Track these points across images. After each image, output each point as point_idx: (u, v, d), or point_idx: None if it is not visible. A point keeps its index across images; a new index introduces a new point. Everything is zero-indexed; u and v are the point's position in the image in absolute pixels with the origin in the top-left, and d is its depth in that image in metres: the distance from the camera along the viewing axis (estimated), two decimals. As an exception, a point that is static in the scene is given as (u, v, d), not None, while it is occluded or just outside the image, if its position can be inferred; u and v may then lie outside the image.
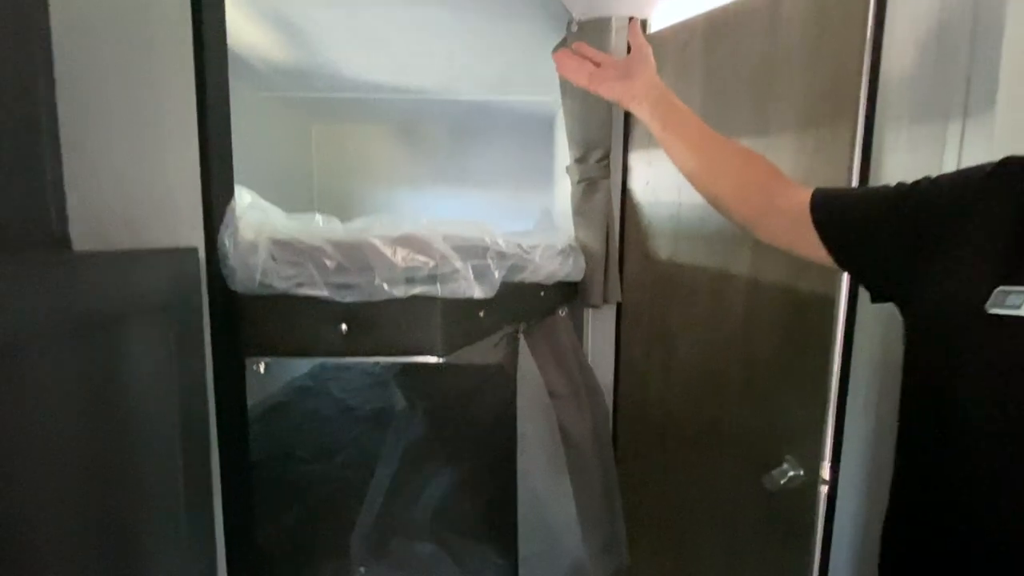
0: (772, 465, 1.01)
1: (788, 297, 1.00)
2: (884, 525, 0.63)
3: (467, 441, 1.37)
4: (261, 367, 0.73)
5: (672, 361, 1.25)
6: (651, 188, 1.26)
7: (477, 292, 0.74)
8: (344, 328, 0.70)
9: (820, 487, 0.99)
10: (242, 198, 0.69)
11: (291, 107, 2.02)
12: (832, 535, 0.99)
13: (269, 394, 1.76)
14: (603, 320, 1.41)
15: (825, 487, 0.99)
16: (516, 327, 1.12)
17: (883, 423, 0.91)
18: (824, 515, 0.99)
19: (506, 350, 1.18)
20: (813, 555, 1.00)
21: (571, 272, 1.23)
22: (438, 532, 1.16)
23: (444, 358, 0.74)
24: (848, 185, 0.91)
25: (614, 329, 1.41)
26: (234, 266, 0.64)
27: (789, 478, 0.99)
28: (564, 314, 1.36)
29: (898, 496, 0.61)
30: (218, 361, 0.66)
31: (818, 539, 1.00)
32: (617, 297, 1.34)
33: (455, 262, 0.72)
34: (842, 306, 0.94)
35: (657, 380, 1.30)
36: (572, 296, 1.35)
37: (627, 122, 1.31)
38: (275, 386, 1.83)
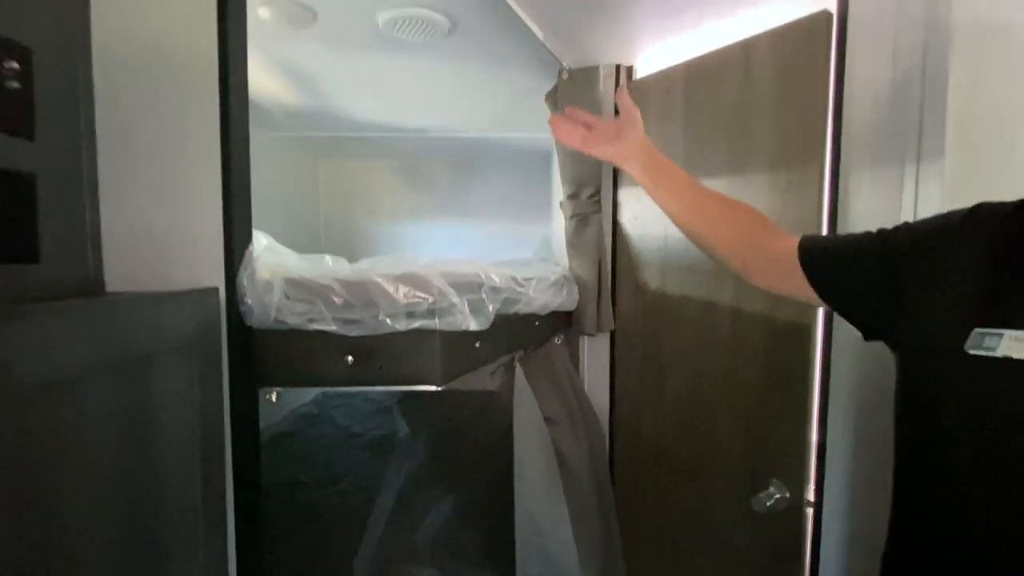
0: (759, 488, 1.05)
1: (769, 325, 1.06)
2: (883, 558, 0.64)
3: (467, 466, 1.41)
4: (273, 396, 0.78)
5: (664, 387, 1.30)
6: (639, 222, 1.34)
7: (473, 324, 0.81)
8: (350, 359, 0.76)
9: (806, 509, 1.02)
10: (259, 241, 0.76)
11: (299, 145, 2.13)
12: (820, 556, 1.02)
13: (275, 422, 1.81)
14: (598, 348, 1.46)
15: (811, 509, 1.02)
16: (512, 355, 1.18)
17: (864, 446, 0.95)
18: (811, 536, 1.03)
19: (503, 378, 1.23)
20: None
21: (565, 302, 1.29)
22: (439, 556, 1.20)
23: (442, 386, 0.80)
24: (819, 221, 0.98)
25: (609, 356, 1.46)
26: (251, 304, 0.71)
27: (776, 500, 1.03)
28: (560, 342, 1.42)
29: (896, 530, 0.62)
30: (234, 391, 0.72)
31: (806, 560, 1.03)
32: (610, 325, 1.40)
33: (452, 297, 0.79)
34: (819, 334, 1.00)
35: (650, 405, 1.34)
36: (567, 325, 1.41)
37: (616, 160, 1.39)
38: (281, 414, 1.88)
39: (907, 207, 0.85)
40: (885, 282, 0.60)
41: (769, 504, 1.02)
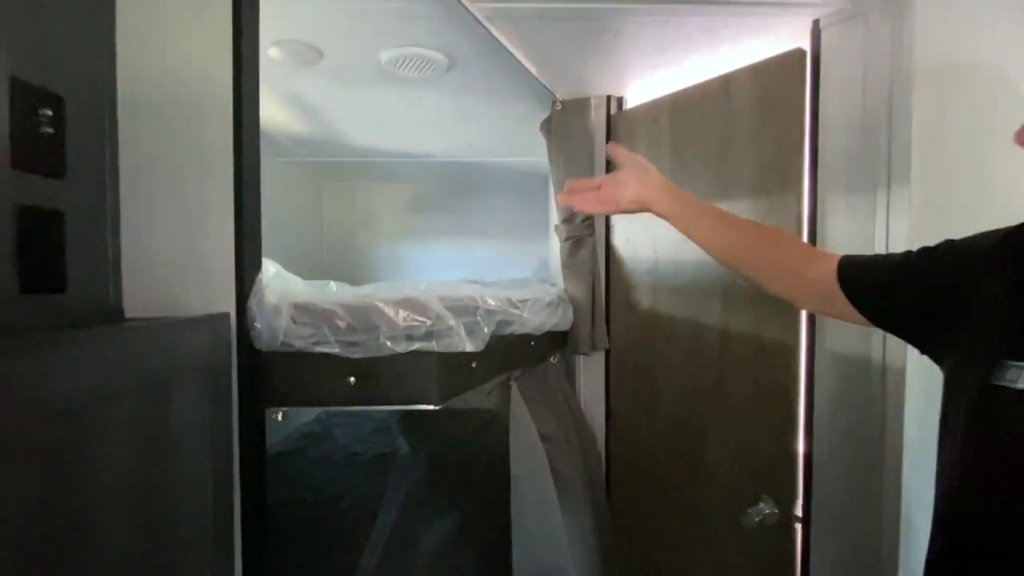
0: (749, 504, 1.07)
1: (755, 344, 1.10)
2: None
3: (465, 485, 1.44)
4: (279, 415, 0.82)
5: (657, 405, 1.33)
6: (631, 244, 1.39)
7: (468, 346, 0.85)
8: (352, 380, 0.81)
9: (795, 524, 1.05)
10: (267, 269, 0.81)
11: (304, 169, 2.20)
12: (809, 571, 1.04)
13: (277, 441, 1.83)
14: (593, 366, 1.50)
15: (799, 524, 1.05)
16: (509, 375, 1.22)
17: (849, 461, 0.98)
18: (800, 551, 1.05)
19: (500, 397, 1.27)
20: (793, 592, 1.05)
21: (559, 322, 1.33)
22: (438, 574, 1.22)
23: (440, 405, 0.84)
24: (800, 244, 1.02)
25: (604, 375, 1.49)
26: (260, 328, 0.76)
27: (765, 516, 1.05)
28: (556, 361, 1.46)
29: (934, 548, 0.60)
30: (243, 410, 0.76)
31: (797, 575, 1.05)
32: (604, 344, 1.44)
33: (449, 320, 0.83)
34: (803, 352, 1.04)
35: (644, 423, 1.37)
36: (563, 344, 1.45)
37: (608, 185, 1.44)
38: (283, 433, 1.90)
39: (880, 230, 0.90)
40: (922, 304, 0.60)
41: (759, 519, 1.05)
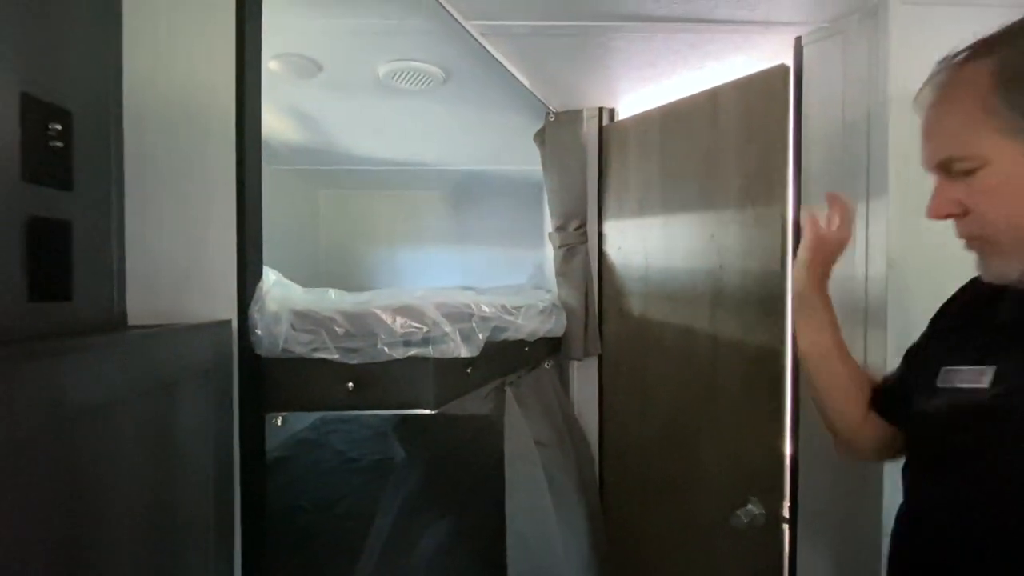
0: (738, 506, 1.10)
1: (743, 350, 1.13)
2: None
3: (460, 489, 1.46)
4: (279, 420, 0.84)
5: (649, 409, 1.36)
6: (623, 252, 1.42)
7: (464, 352, 0.88)
8: (350, 385, 0.83)
9: (782, 525, 1.07)
10: (268, 277, 0.84)
11: (301, 177, 2.22)
12: (796, 571, 1.07)
13: (274, 446, 1.85)
14: (587, 372, 1.52)
15: (786, 525, 1.07)
16: (504, 380, 1.24)
17: (833, 463, 1.00)
18: (788, 553, 1.08)
19: (495, 402, 1.29)
20: (782, 592, 1.07)
21: (553, 328, 1.36)
22: (433, 578, 1.23)
23: (435, 410, 0.86)
24: (784, 251, 1.05)
25: (597, 380, 1.52)
26: (261, 335, 0.78)
27: (754, 517, 1.08)
28: (550, 367, 1.48)
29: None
30: (243, 415, 0.78)
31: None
32: (597, 350, 1.46)
33: (445, 327, 0.86)
34: (788, 357, 1.07)
35: (636, 427, 1.40)
36: (556, 350, 1.47)
37: (600, 195, 1.48)
38: (280, 438, 1.92)
39: (859, 239, 0.94)
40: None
41: (748, 521, 1.07)
